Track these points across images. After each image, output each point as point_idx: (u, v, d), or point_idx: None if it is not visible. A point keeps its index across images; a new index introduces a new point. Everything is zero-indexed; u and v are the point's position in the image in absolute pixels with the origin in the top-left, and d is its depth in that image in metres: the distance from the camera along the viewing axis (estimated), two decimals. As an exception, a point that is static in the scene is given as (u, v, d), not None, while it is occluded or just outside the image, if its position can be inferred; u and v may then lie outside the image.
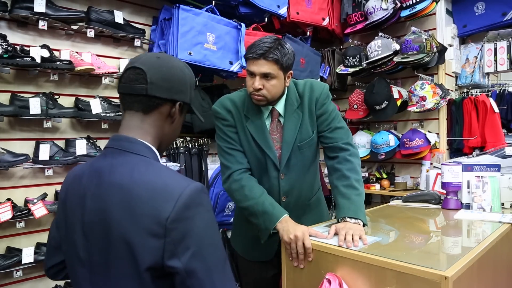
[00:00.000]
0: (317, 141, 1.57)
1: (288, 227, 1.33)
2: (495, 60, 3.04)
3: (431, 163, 2.67)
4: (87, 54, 2.09)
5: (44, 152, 1.90)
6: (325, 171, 2.47)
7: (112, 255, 0.79)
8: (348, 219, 1.31)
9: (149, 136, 0.89)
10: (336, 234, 1.28)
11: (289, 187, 1.55)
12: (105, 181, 0.82)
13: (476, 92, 3.09)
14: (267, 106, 1.50)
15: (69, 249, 0.89)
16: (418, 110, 2.77)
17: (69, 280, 0.97)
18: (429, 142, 2.75)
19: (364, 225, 1.32)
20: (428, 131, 2.86)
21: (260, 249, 1.57)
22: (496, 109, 2.86)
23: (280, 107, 1.51)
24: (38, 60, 1.86)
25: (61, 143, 2.02)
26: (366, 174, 3.16)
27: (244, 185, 1.47)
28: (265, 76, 1.39)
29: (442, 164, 1.84)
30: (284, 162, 1.51)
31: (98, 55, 2.15)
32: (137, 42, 2.27)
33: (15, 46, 1.84)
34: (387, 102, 2.82)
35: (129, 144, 0.86)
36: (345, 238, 1.20)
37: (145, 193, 0.77)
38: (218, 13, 2.35)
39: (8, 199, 1.82)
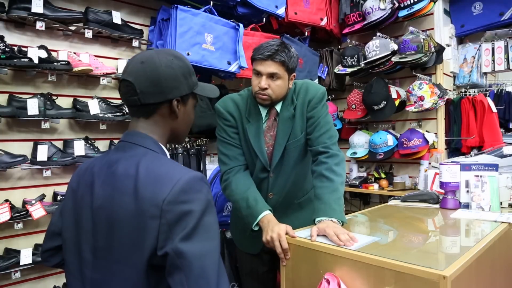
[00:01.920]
0: (305, 142, 1.59)
1: (267, 228, 1.37)
2: (493, 60, 3.05)
3: (429, 163, 2.68)
4: (85, 55, 2.09)
5: (42, 153, 1.89)
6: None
7: (116, 240, 0.83)
8: (325, 219, 1.32)
9: (155, 135, 0.94)
10: (319, 235, 1.27)
11: (277, 186, 1.60)
12: (115, 170, 0.88)
13: (474, 91, 3.10)
14: (267, 106, 1.56)
15: (74, 235, 0.92)
16: (416, 110, 2.78)
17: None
18: (427, 141, 2.75)
19: (342, 223, 1.33)
20: (426, 131, 2.87)
21: (248, 240, 1.64)
22: (494, 109, 2.87)
23: (279, 106, 1.57)
24: (36, 61, 1.85)
25: (59, 144, 2.01)
26: (365, 174, 3.17)
27: (231, 180, 1.54)
28: (271, 76, 1.47)
29: (440, 164, 1.84)
30: (275, 162, 1.56)
31: (96, 56, 2.15)
32: (135, 43, 2.26)
33: (13, 47, 1.83)
34: (385, 102, 2.83)
35: (140, 138, 0.92)
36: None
37: (148, 180, 0.82)
38: (216, 13, 2.35)
39: (6, 200, 1.81)
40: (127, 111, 0.99)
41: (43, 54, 1.90)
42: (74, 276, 0.91)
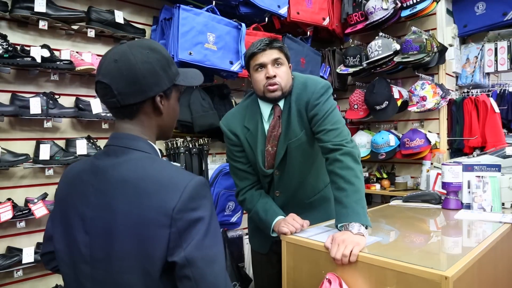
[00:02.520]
0: (310, 140, 1.53)
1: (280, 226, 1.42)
2: (496, 60, 3.04)
3: (432, 163, 2.67)
4: (88, 54, 2.09)
5: (45, 152, 1.90)
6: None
7: (117, 250, 0.80)
8: (350, 227, 1.21)
9: (144, 135, 0.90)
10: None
11: (283, 184, 1.58)
12: (109, 177, 0.84)
13: (477, 92, 3.09)
14: (269, 104, 1.52)
15: (66, 246, 0.89)
16: (418, 110, 2.77)
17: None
18: (429, 142, 2.75)
19: (366, 227, 1.23)
20: (429, 131, 2.86)
21: (258, 237, 1.69)
22: (497, 109, 2.86)
23: (282, 103, 1.53)
24: (39, 60, 1.86)
25: (62, 143, 2.02)
26: (367, 174, 3.16)
27: (245, 198, 1.61)
28: (276, 62, 1.46)
29: (443, 164, 1.84)
30: (278, 161, 1.53)
31: (98, 55, 2.15)
32: (138, 42, 2.26)
33: (16, 46, 1.84)
34: (387, 102, 2.82)
35: (131, 141, 0.87)
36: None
37: (151, 187, 0.79)
38: (218, 13, 2.35)
39: (9, 199, 1.82)
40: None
41: (46, 53, 1.91)
42: (75, 287, 0.89)
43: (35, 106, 1.86)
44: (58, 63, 1.91)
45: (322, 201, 1.67)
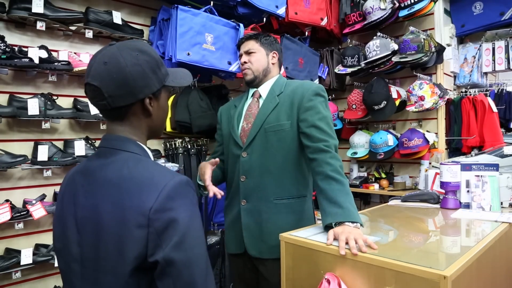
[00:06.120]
0: (294, 137, 1.54)
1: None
2: (493, 60, 3.05)
3: (430, 163, 2.68)
4: (86, 55, 2.09)
5: (43, 153, 1.89)
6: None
7: (102, 250, 0.80)
8: (345, 223, 1.24)
9: (135, 136, 0.91)
10: (335, 239, 1.22)
11: (249, 168, 1.59)
12: (97, 178, 0.85)
13: (475, 91, 3.10)
14: (252, 88, 1.69)
15: (63, 245, 0.90)
16: (416, 109, 2.78)
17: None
18: (427, 141, 2.75)
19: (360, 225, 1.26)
20: (427, 131, 2.87)
21: (227, 239, 1.73)
22: (495, 109, 2.86)
23: (262, 90, 1.67)
24: (36, 61, 1.85)
25: (60, 144, 2.01)
26: (365, 174, 3.17)
27: None
28: (248, 53, 1.67)
29: (441, 164, 1.84)
30: (249, 140, 1.59)
31: (96, 56, 2.14)
32: (136, 43, 2.26)
33: (13, 47, 1.84)
34: (385, 102, 2.83)
35: (120, 142, 0.89)
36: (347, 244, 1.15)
37: (133, 187, 0.80)
38: (216, 13, 2.35)
39: (7, 200, 1.81)
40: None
41: (44, 54, 1.90)
42: (68, 284, 0.90)
43: (33, 107, 1.86)
44: (56, 64, 1.90)
45: (289, 209, 1.58)
